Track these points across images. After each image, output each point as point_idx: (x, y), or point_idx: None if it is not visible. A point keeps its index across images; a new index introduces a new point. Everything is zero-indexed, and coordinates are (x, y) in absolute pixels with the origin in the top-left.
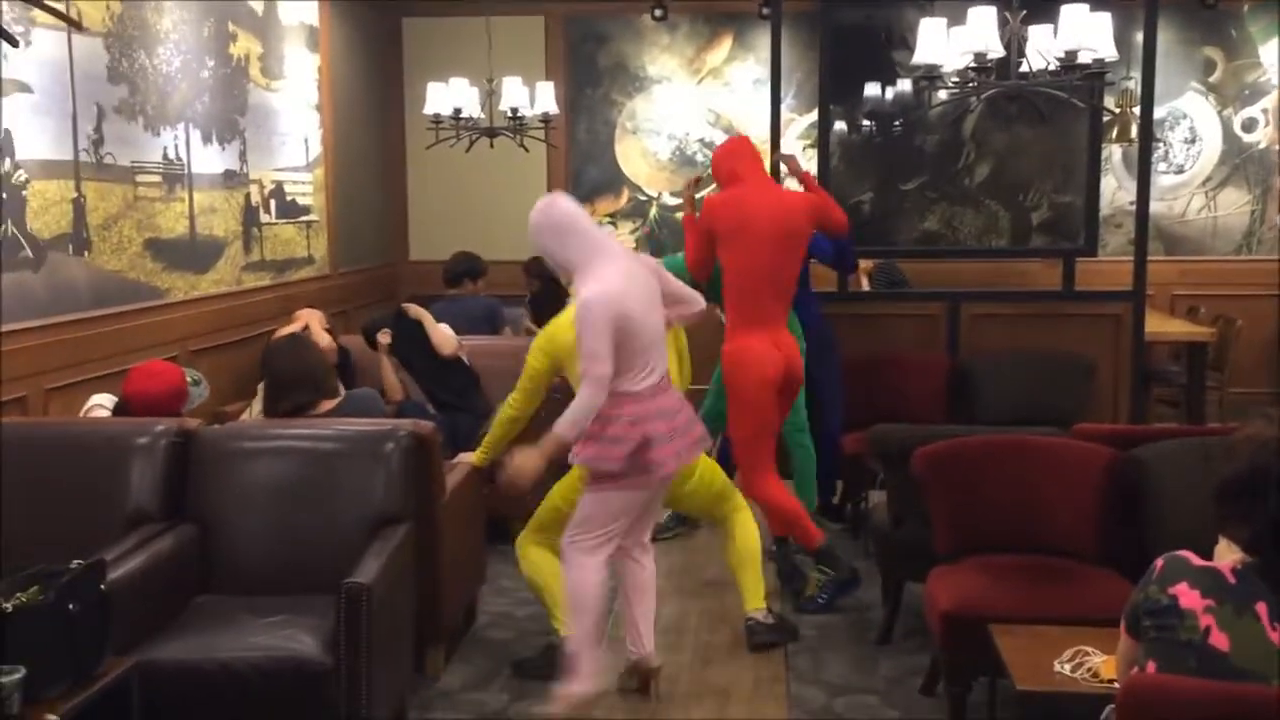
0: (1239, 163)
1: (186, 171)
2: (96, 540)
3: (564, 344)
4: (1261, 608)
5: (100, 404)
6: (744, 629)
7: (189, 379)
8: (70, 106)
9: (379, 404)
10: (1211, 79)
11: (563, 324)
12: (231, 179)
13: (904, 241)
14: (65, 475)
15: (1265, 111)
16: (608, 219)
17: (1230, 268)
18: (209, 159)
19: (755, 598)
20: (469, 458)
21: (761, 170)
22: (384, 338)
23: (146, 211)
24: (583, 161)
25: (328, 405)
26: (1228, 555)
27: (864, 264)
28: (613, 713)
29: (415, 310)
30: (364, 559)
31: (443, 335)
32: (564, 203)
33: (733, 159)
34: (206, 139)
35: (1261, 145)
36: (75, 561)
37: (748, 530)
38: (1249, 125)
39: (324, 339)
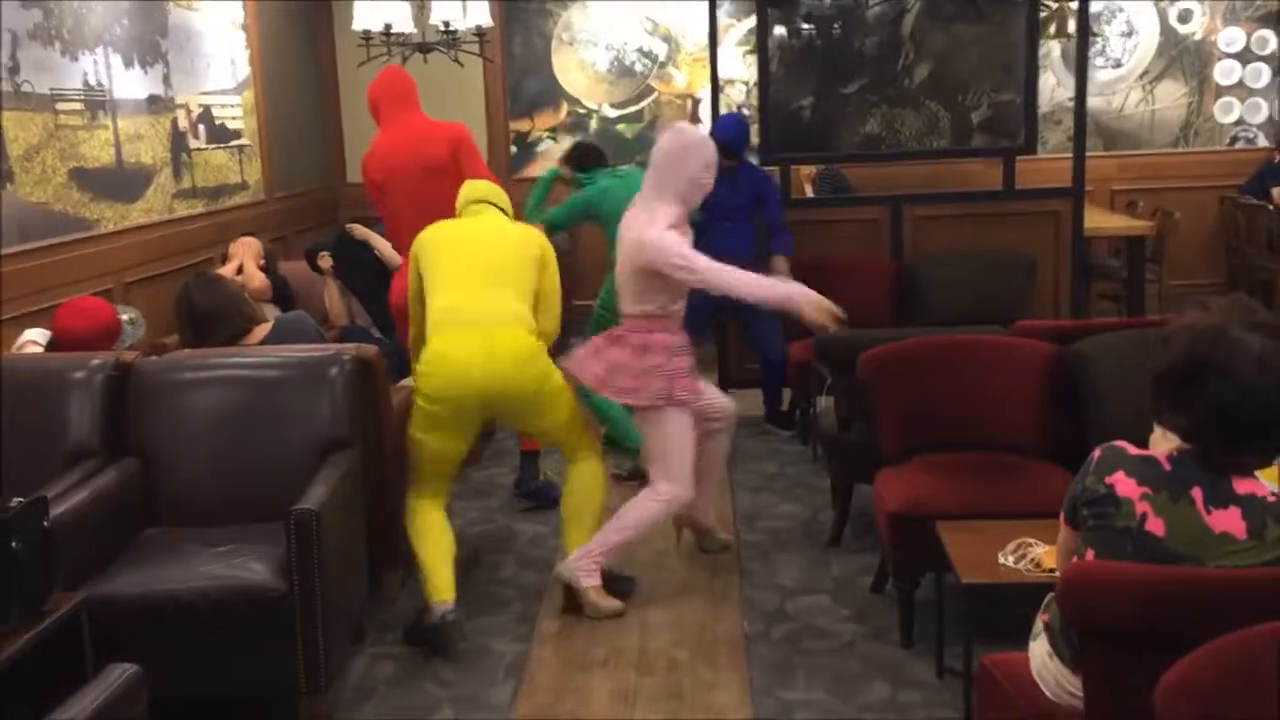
0: (1175, 55)
1: (109, 97)
2: (37, 478)
3: (424, 245)
4: (1197, 493)
5: (33, 340)
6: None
7: (125, 317)
8: None
9: (310, 325)
10: None
11: (425, 234)
12: (156, 104)
13: (846, 146)
14: (2, 413)
15: (1200, 2)
16: (548, 133)
17: (1168, 160)
18: (131, 84)
19: (574, 544)
20: (407, 382)
21: (402, 108)
22: (324, 261)
23: (69, 140)
24: (520, 75)
25: (260, 332)
26: (1163, 444)
27: (806, 170)
28: (594, 626)
29: (361, 231)
30: (312, 485)
31: (392, 254)
32: None
33: (377, 100)
34: (128, 63)
35: (1198, 36)
36: (16, 499)
37: (589, 474)
38: (1185, 16)
39: (256, 279)
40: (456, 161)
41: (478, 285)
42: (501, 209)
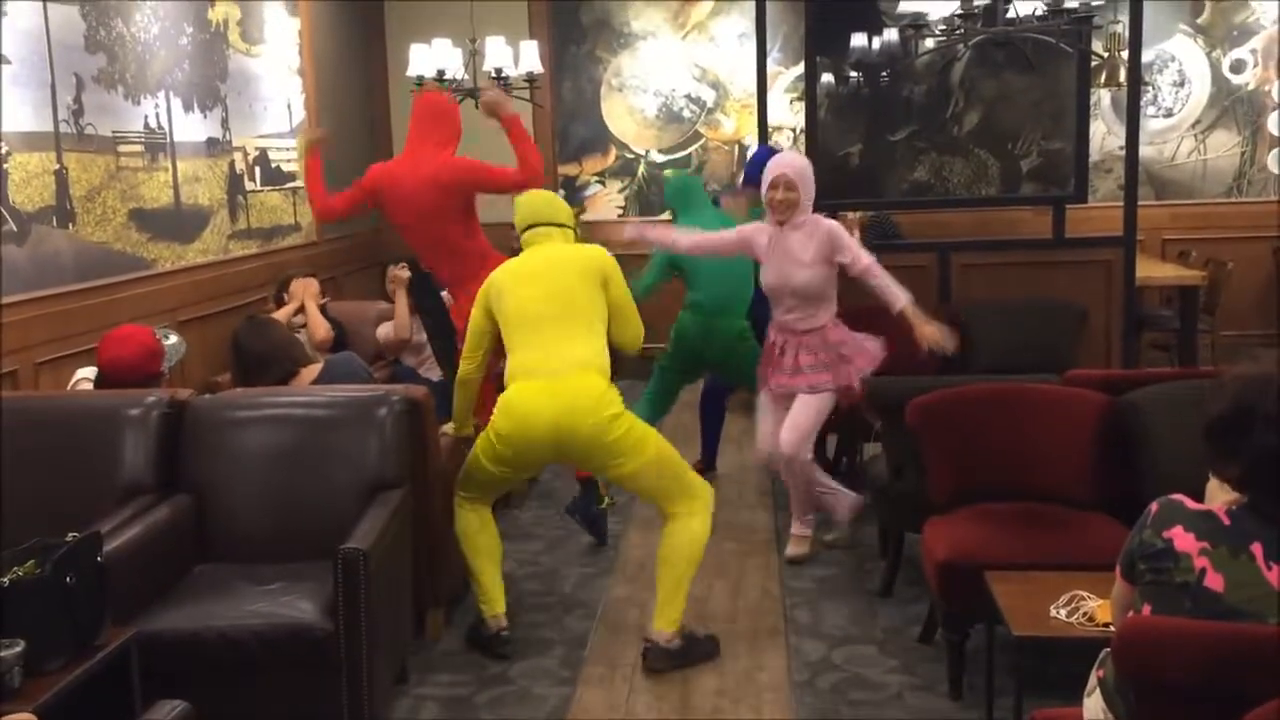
0: (1228, 105)
1: (169, 140)
2: (92, 513)
3: (492, 288)
4: (1257, 548)
5: (85, 377)
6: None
7: (168, 340)
8: (49, 77)
9: (359, 366)
10: (1199, 20)
11: (494, 277)
12: (214, 147)
13: (894, 192)
14: (59, 449)
15: (1254, 52)
16: (595, 178)
17: (1221, 210)
18: (191, 127)
19: (661, 615)
20: (448, 428)
21: (421, 135)
22: (403, 271)
23: (130, 181)
24: (569, 120)
25: (309, 374)
26: (1219, 495)
27: (852, 217)
28: (636, 672)
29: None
30: (360, 524)
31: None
32: None
33: (413, 120)
34: (188, 107)
35: (1250, 86)
36: (71, 535)
37: (678, 535)
38: (1238, 67)
39: (321, 330)
40: (465, 204)
41: (548, 336)
42: (561, 224)
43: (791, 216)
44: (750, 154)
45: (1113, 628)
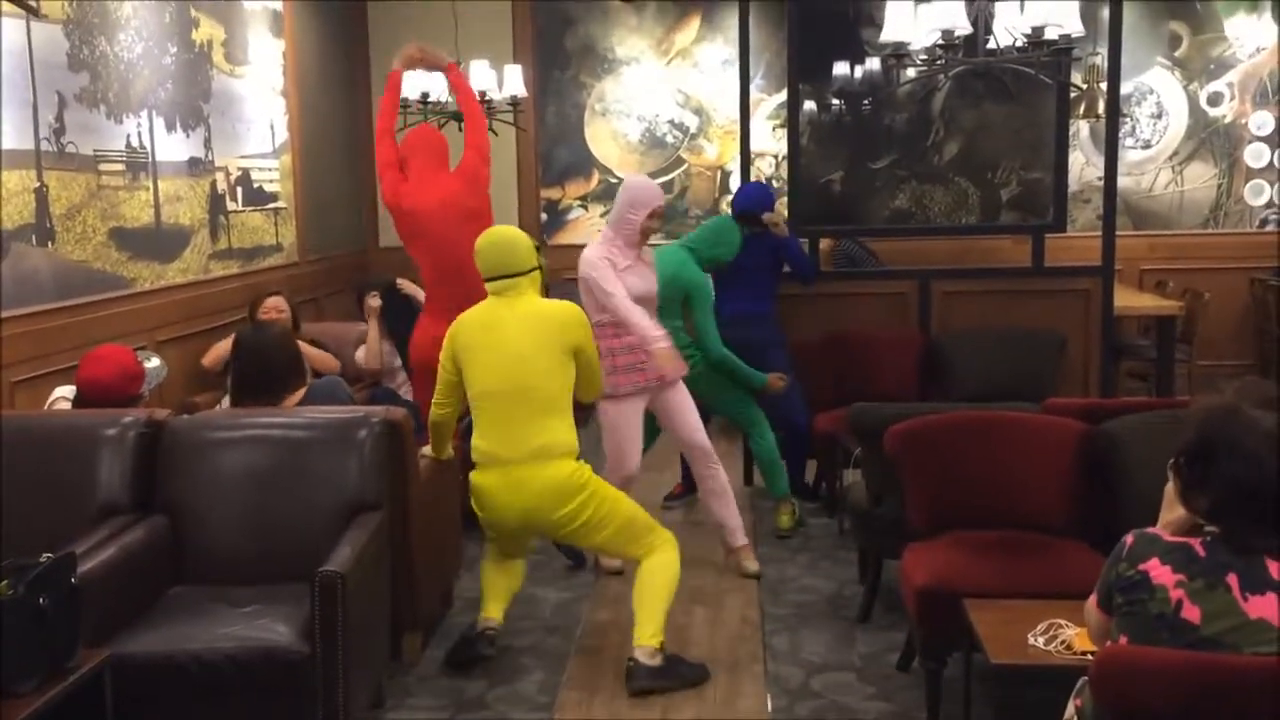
0: (1205, 137)
1: (150, 159)
2: (67, 533)
3: (457, 343)
4: (1232, 579)
5: (63, 396)
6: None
7: (149, 364)
8: (30, 95)
9: (344, 392)
10: (1177, 53)
11: (457, 330)
12: (196, 166)
13: (874, 220)
14: (35, 469)
15: (1230, 85)
16: (578, 201)
17: (1198, 241)
18: (173, 146)
19: (642, 631)
20: (427, 451)
21: (436, 166)
22: (374, 300)
23: (110, 200)
24: (552, 144)
25: (294, 399)
26: (1168, 514)
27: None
28: (615, 698)
29: (409, 286)
30: (338, 547)
31: None
32: None
33: (409, 154)
34: (170, 126)
35: (1227, 119)
36: (45, 555)
37: (652, 563)
38: (1214, 100)
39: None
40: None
41: (509, 420)
42: (524, 271)
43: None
44: (742, 188)
45: (1090, 656)
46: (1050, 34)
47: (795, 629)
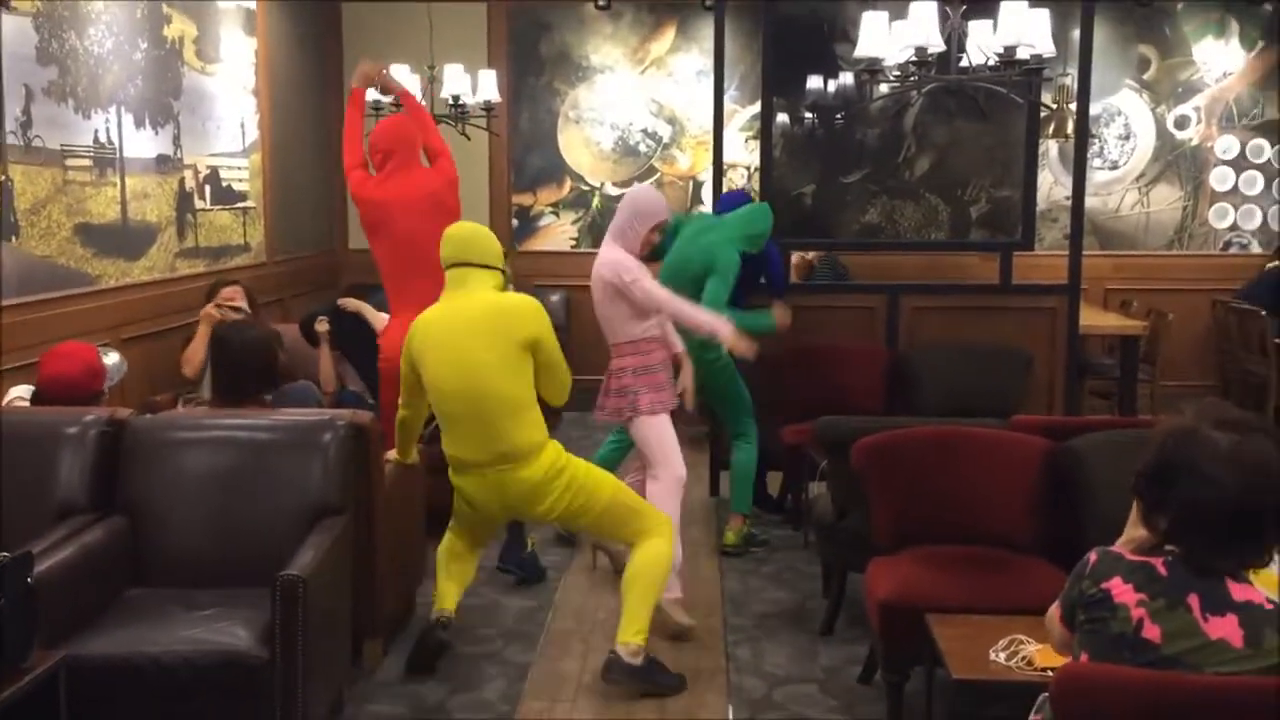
0: (1172, 159)
1: (118, 155)
2: (24, 533)
3: (413, 344)
4: (1193, 599)
5: (19, 395)
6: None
7: (101, 354)
8: None
9: (314, 396)
10: (1146, 76)
11: (413, 331)
12: (165, 164)
13: (845, 234)
14: None
15: (1197, 109)
16: (550, 208)
17: (1163, 262)
18: (142, 143)
19: (626, 628)
20: (391, 455)
21: (412, 159)
22: (322, 326)
23: (76, 196)
24: (525, 150)
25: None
26: (1131, 530)
27: (807, 256)
28: (576, 707)
29: (353, 304)
30: (300, 551)
31: (383, 322)
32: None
33: (390, 148)
34: (139, 122)
35: (1194, 142)
36: (2, 554)
37: (643, 553)
38: (1181, 123)
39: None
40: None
41: (469, 428)
42: (484, 264)
43: None
44: (728, 193)
45: (1051, 673)
46: (1022, 54)
47: (758, 640)
